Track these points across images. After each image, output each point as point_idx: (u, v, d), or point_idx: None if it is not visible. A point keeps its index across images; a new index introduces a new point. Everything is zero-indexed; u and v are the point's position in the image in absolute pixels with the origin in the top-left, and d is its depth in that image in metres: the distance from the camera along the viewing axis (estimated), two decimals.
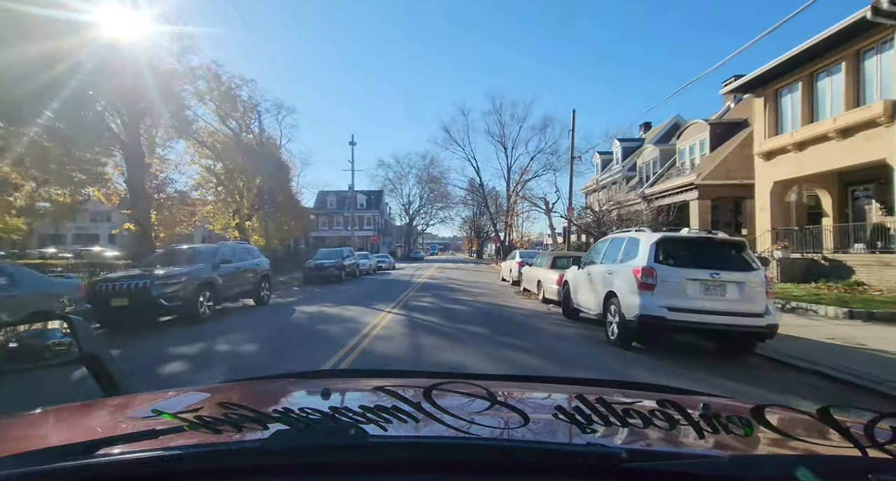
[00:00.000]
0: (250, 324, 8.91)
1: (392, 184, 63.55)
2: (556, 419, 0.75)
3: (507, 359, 6.02)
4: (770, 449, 0.79)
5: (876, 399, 4.36)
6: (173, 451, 0.66)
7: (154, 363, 5.72)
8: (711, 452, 0.73)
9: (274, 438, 0.66)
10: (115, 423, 1.06)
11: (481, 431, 0.75)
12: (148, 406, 1.07)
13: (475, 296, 14.11)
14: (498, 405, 0.82)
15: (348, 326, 8.33)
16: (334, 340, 7.02)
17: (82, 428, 1.05)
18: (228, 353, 6.48)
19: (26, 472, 0.63)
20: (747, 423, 0.68)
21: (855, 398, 4.46)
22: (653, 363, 5.78)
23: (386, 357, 5.97)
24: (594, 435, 0.71)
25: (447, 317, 9.73)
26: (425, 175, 59.86)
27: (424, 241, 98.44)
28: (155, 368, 5.44)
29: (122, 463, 0.65)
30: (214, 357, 6.27)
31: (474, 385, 0.83)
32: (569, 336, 7.72)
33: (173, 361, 5.96)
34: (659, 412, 0.71)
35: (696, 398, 1.26)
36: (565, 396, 1.32)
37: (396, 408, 0.68)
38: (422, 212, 67.24)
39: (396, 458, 0.68)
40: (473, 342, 7.05)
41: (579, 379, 1.61)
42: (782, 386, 4.80)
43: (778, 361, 5.73)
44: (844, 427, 0.64)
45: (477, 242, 70.02)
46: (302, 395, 1.35)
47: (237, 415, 0.69)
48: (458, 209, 65.99)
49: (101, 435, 0.79)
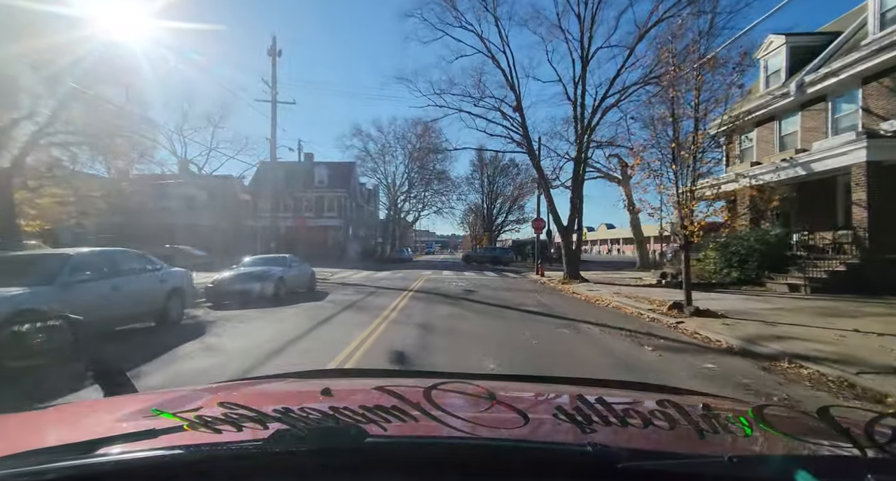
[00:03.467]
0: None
1: (372, 160, 45.63)
2: (556, 419, 0.75)
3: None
4: (770, 449, 0.79)
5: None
6: (174, 451, 0.66)
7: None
8: (711, 452, 0.73)
9: (274, 438, 0.66)
10: (115, 423, 1.06)
11: (482, 431, 0.75)
12: (148, 405, 1.08)
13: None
14: (498, 405, 0.84)
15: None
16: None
17: (83, 427, 1.06)
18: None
19: (27, 471, 0.63)
20: (747, 423, 0.69)
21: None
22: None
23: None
24: (594, 435, 0.71)
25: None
26: (415, 150, 42.10)
27: (418, 238, 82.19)
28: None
29: (122, 462, 0.65)
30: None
31: (475, 385, 0.85)
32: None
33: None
34: (659, 412, 0.71)
35: (695, 398, 1.27)
36: (565, 396, 1.33)
37: (397, 408, 0.69)
38: (412, 197, 49.18)
39: (397, 458, 0.69)
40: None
41: (579, 379, 1.62)
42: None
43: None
44: (844, 427, 0.65)
45: (488, 238, 50.42)
46: (302, 395, 1.35)
47: (237, 415, 0.69)
48: (461, 197, 50.88)
49: (102, 434, 0.79)
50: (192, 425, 0.67)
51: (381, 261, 40.02)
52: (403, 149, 45.56)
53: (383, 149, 46.46)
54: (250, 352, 5.97)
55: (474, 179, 50.76)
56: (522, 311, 9.77)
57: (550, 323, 8.23)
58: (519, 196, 48.46)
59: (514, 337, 6.92)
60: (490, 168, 48.92)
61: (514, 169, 48.10)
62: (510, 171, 48.83)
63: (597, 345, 6.45)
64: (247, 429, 0.69)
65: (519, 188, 47.84)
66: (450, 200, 51.41)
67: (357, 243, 47.83)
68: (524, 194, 48.15)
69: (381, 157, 47.20)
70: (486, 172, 49.22)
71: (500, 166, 48.68)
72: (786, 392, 4.33)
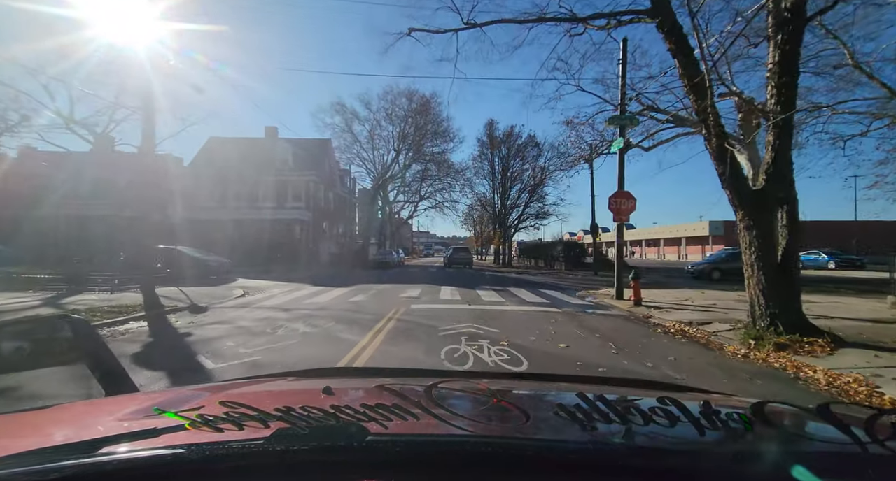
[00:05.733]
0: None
1: (359, 145, 37.11)
2: (557, 417, 0.75)
3: None
4: (770, 446, 0.76)
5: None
6: (175, 450, 0.66)
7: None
8: (711, 449, 0.73)
9: (275, 437, 0.66)
10: (116, 422, 1.04)
11: (483, 429, 0.76)
12: (150, 405, 1.08)
13: None
14: (499, 403, 0.89)
15: None
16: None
17: (84, 426, 1.05)
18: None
19: (28, 471, 0.63)
20: (747, 420, 0.70)
21: None
22: None
23: None
24: (595, 432, 0.71)
25: None
26: (410, 127, 35.51)
27: (416, 239, 73.71)
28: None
29: (124, 461, 0.65)
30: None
31: (476, 383, 0.92)
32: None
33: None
34: (659, 409, 0.71)
35: (696, 395, 1.29)
36: (566, 394, 1.32)
37: (398, 407, 0.70)
38: (405, 187, 40.72)
39: (398, 457, 0.67)
40: None
41: (580, 377, 1.70)
42: None
43: None
44: (844, 423, 0.65)
45: (500, 235, 39.17)
46: (303, 393, 1.34)
47: (239, 414, 0.69)
48: (465, 186, 40.22)
49: (103, 433, 0.80)
50: (194, 424, 0.68)
51: (359, 265, 31.24)
52: (396, 126, 36.36)
53: (372, 132, 37.48)
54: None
55: (483, 161, 39.04)
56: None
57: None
58: (540, 182, 37.64)
59: None
60: (503, 147, 38.43)
61: (533, 149, 37.71)
62: (527, 153, 38.42)
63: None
64: (248, 428, 0.68)
65: (542, 171, 37.18)
66: (451, 192, 41.38)
67: (332, 242, 37.98)
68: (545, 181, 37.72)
69: (369, 142, 38.24)
70: (498, 152, 38.68)
71: (516, 145, 38.23)
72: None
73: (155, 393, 1.31)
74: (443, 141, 38.44)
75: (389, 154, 38.19)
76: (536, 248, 39.13)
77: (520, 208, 38.74)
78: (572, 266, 29.60)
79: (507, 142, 38.35)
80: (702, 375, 5.07)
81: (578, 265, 30.06)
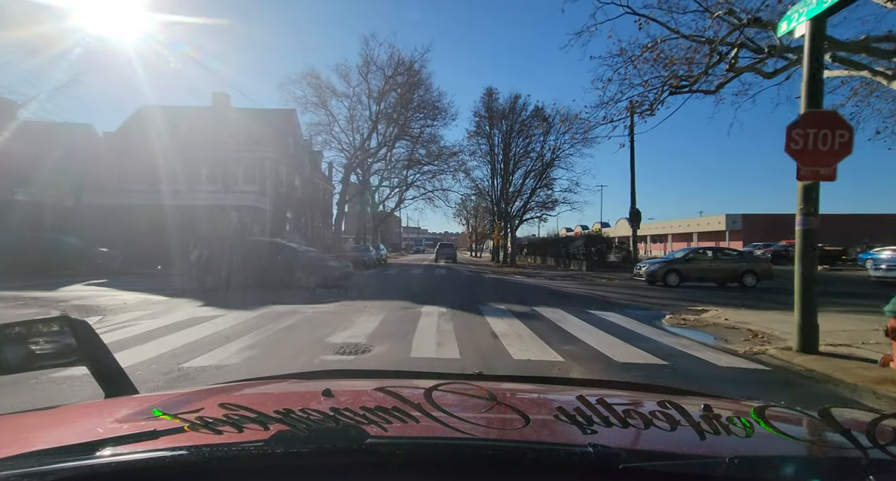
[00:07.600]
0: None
1: (335, 122, 31.59)
2: (557, 420, 0.74)
3: None
4: (771, 451, 0.75)
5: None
6: (175, 452, 0.65)
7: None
8: (712, 453, 0.70)
9: (275, 439, 0.66)
10: (116, 424, 1.03)
11: (482, 432, 0.75)
12: (149, 406, 1.07)
13: None
14: (499, 406, 0.84)
15: None
16: None
17: (83, 428, 1.04)
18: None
19: (27, 473, 0.63)
20: (748, 424, 0.68)
21: None
22: None
23: None
24: (595, 435, 0.69)
25: None
26: (397, 101, 30.25)
27: (406, 235, 65.49)
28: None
29: (123, 463, 0.65)
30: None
31: (476, 386, 0.86)
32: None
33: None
34: (660, 413, 0.70)
35: (697, 399, 1.27)
36: (566, 397, 1.32)
37: (397, 409, 0.69)
38: (387, 170, 35.44)
39: (397, 459, 0.67)
40: None
41: (580, 380, 1.69)
42: None
43: None
44: (845, 427, 0.64)
45: (500, 229, 33.80)
46: (303, 396, 1.35)
47: (238, 416, 0.68)
48: (458, 170, 34.38)
49: (102, 435, 0.79)
50: (193, 426, 0.67)
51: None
52: (374, 85, 30.16)
53: (352, 111, 31.35)
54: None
55: (480, 138, 32.49)
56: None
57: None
58: (550, 163, 31.25)
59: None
60: (504, 123, 32.03)
61: (541, 124, 31.34)
62: (532, 132, 32.09)
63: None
64: (247, 430, 0.67)
65: (551, 151, 30.76)
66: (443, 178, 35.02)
67: (299, 236, 31.17)
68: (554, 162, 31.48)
69: (349, 123, 32.20)
70: (499, 128, 32.27)
71: (520, 120, 31.85)
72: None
73: (154, 396, 1.30)
74: (433, 114, 32.01)
75: (368, 127, 31.79)
76: (545, 244, 32.93)
77: (524, 196, 32.43)
78: (595, 265, 23.59)
79: (509, 116, 31.91)
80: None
81: (602, 265, 24.07)
